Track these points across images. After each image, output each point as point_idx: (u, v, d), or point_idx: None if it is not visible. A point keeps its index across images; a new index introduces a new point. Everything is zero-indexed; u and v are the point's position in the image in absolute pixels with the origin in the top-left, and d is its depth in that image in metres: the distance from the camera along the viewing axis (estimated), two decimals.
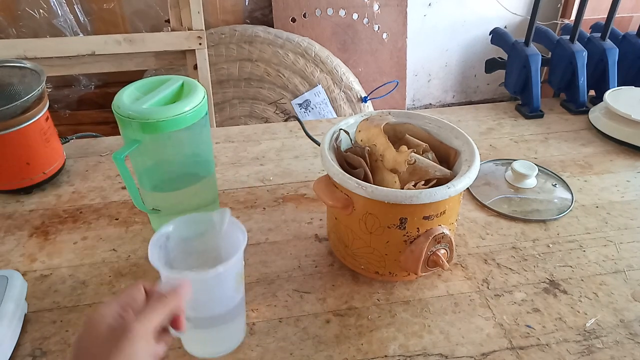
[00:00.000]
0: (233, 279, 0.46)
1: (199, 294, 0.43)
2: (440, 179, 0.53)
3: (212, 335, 0.49)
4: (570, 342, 0.51)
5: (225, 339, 0.50)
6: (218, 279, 0.44)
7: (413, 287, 0.58)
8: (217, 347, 0.50)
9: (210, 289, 0.45)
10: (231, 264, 0.43)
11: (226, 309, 0.47)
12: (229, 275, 0.45)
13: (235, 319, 0.49)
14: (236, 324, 0.50)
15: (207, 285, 0.45)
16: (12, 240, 0.65)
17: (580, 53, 0.93)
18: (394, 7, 1.78)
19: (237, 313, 0.49)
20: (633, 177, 0.78)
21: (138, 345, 0.35)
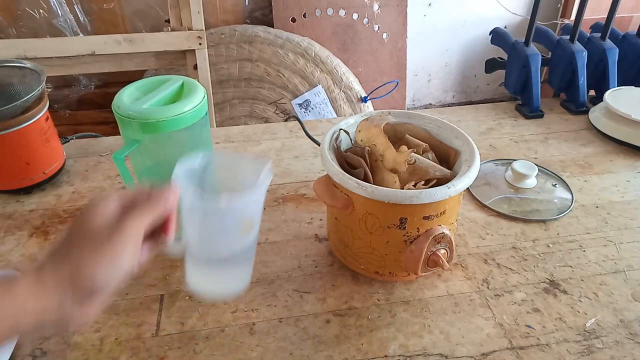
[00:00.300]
0: (245, 218, 0.44)
1: (207, 225, 0.42)
2: (440, 179, 0.53)
3: (211, 273, 0.47)
4: (570, 342, 0.51)
5: (226, 281, 0.48)
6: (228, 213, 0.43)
7: (413, 287, 0.58)
8: (216, 287, 0.48)
9: (219, 221, 0.44)
10: (246, 201, 0.42)
11: (230, 250, 0.45)
12: (239, 213, 0.43)
13: (238, 264, 0.47)
14: (239, 270, 0.48)
15: (216, 217, 0.43)
16: (12, 240, 0.65)
17: (580, 53, 0.93)
18: (394, 7, 1.79)
19: (242, 258, 0.47)
20: (633, 177, 0.78)
21: (128, 244, 0.36)
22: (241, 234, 0.45)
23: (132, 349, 0.51)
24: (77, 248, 0.35)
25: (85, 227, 0.36)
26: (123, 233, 0.36)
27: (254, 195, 0.43)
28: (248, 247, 0.46)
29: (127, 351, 0.50)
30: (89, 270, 0.35)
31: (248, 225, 0.45)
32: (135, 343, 0.51)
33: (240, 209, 0.43)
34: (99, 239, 0.35)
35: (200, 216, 0.42)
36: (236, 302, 0.56)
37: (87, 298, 0.35)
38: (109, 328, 0.53)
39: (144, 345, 0.51)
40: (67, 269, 0.34)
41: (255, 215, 0.45)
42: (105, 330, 0.53)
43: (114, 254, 0.35)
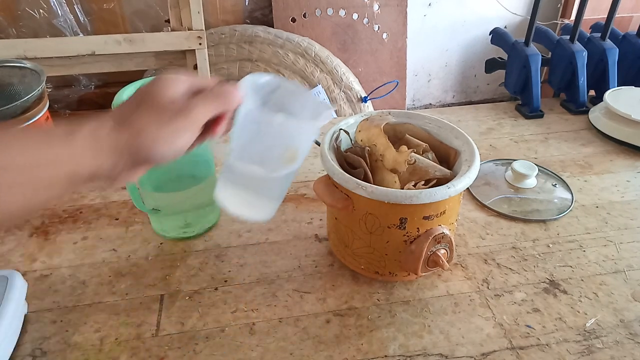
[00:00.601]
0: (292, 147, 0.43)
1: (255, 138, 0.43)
2: (440, 179, 0.53)
3: (241, 190, 0.46)
4: (570, 342, 0.51)
5: (253, 204, 0.47)
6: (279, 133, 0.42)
7: (413, 287, 0.58)
8: (242, 206, 0.47)
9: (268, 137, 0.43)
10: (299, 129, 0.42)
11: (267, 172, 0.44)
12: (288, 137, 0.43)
13: (269, 191, 0.46)
14: (268, 198, 0.47)
15: (267, 132, 0.43)
16: (12, 240, 0.65)
17: (580, 53, 0.93)
18: (394, 7, 1.79)
19: (274, 187, 0.46)
20: (633, 177, 0.78)
21: (191, 126, 0.37)
22: (283, 161, 0.44)
23: (132, 349, 0.51)
24: (141, 116, 0.36)
25: (153, 98, 0.36)
26: (190, 114, 0.36)
27: (308, 127, 0.43)
28: (283, 178, 0.46)
29: (127, 351, 0.50)
30: (148, 141, 0.35)
31: (292, 155, 0.44)
32: (135, 343, 0.51)
33: (291, 133, 0.43)
34: (165, 113, 0.36)
35: (252, 126, 0.42)
36: (236, 302, 0.56)
37: (138, 165, 0.36)
38: (109, 328, 0.53)
39: (144, 345, 0.51)
40: (127, 135, 0.35)
41: (301, 148, 0.44)
42: (105, 330, 0.53)
43: (176, 131, 0.36)
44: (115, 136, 0.35)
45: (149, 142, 0.35)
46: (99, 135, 0.34)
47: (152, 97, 0.36)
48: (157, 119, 0.36)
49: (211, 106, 0.38)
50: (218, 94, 0.38)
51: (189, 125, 0.37)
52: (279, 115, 0.41)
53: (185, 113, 0.36)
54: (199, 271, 0.60)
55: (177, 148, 0.37)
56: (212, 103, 0.38)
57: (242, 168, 0.45)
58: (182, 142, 0.37)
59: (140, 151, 0.35)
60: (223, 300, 0.56)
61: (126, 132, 0.35)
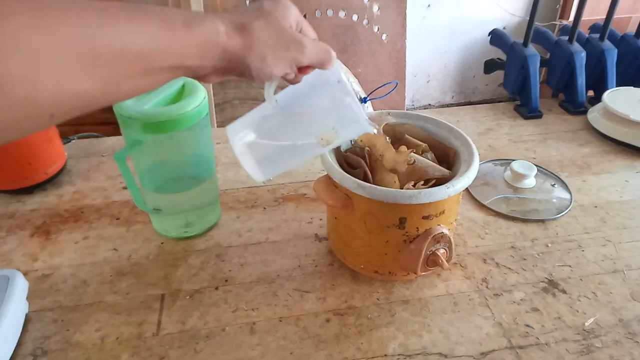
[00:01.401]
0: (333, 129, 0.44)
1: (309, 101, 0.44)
2: (439, 179, 0.54)
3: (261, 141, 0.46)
4: (569, 341, 0.52)
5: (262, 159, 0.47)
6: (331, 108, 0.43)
7: (412, 286, 0.58)
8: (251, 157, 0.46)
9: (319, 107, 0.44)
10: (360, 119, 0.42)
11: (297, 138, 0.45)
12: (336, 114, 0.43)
13: (283, 157, 0.46)
14: (279, 161, 0.47)
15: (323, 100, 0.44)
16: (13, 239, 0.65)
17: (579, 54, 0.93)
18: (393, 8, 1.79)
19: (290, 156, 0.46)
20: (631, 177, 0.78)
21: (295, 61, 0.38)
22: (319, 138, 0.44)
23: (133, 348, 0.51)
24: (261, 29, 0.36)
25: (277, 18, 0.37)
26: (303, 50, 0.38)
27: (363, 123, 0.43)
28: (302, 154, 0.46)
29: (128, 350, 0.51)
30: (257, 56, 0.36)
31: (329, 138, 0.44)
32: (136, 342, 0.51)
33: (346, 119, 0.43)
34: (283, 37, 0.37)
35: (319, 93, 0.43)
36: (237, 302, 0.56)
37: (229, 73, 0.37)
38: (110, 327, 0.53)
39: (145, 344, 0.51)
40: (241, 42, 0.35)
41: (341, 138, 0.45)
42: (106, 329, 0.53)
43: (284, 59, 0.37)
44: (229, 39, 0.35)
45: (257, 57, 0.36)
46: (216, 34, 0.34)
47: (276, 16, 0.37)
48: (275, 39, 0.36)
49: (317, 55, 0.39)
50: (326, 49, 0.40)
51: (297, 58, 0.38)
52: (349, 97, 0.42)
53: (300, 47, 0.38)
54: (200, 270, 0.60)
55: (273, 73, 0.38)
56: (318, 52, 0.39)
57: (275, 122, 0.45)
58: (280, 70, 0.38)
59: (243, 61, 0.36)
60: (224, 299, 0.56)
61: (242, 38, 0.35)
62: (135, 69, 0.31)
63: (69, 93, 0.28)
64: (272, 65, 0.37)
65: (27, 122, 0.27)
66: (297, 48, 0.38)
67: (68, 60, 0.27)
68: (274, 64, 0.37)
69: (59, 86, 0.27)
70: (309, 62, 0.39)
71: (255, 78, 0.37)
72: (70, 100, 0.28)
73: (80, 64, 0.28)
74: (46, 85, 0.26)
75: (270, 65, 0.37)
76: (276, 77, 0.39)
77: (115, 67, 0.30)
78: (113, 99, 0.32)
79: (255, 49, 0.36)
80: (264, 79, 0.38)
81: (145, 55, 0.31)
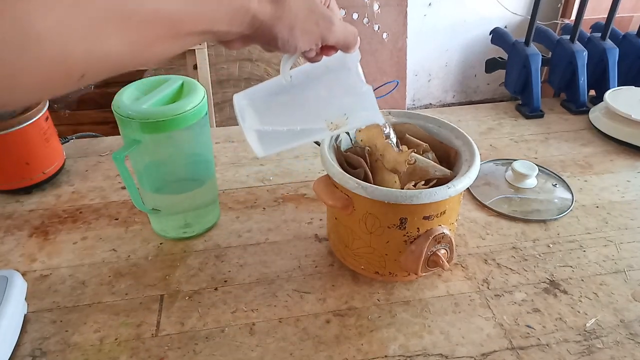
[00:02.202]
0: (344, 115, 0.44)
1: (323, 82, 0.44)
2: (440, 179, 0.53)
3: (267, 117, 0.46)
4: (570, 342, 0.51)
5: (267, 134, 0.46)
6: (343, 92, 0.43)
7: (413, 287, 0.58)
8: (251, 132, 0.46)
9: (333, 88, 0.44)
10: (374, 108, 0.42)
11: (304, 122, 0.45)
12: (348, 100, 0.43)
13: (287, 138, 0.46)
14: (282, 141, 0.47)
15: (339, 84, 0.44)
16: (11, 240, 0.65)
17: (581, 53, 0.93)
18: (394, 7, 1.79)
19: (293, 138, 0.46)
20: (633, 177, 0.78)
21: (322, 38, 0.38)
22: (328, 122, 0.44)
23: (131, 349, 0.51)
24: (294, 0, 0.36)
25: None
26: (332, 27, 0.38)
27: (375, 113, 0.43)
28: (307, 135, 0.46)
29: (126, 351, 0.50)
30: (286, 26, 0.36)
31: (339, 124, 0.44)
32: (135, 343, 0.51)
33: (360, 106, 0.43)
34: (315, 11, 0.37)
35: (337, 76, 0.43)
36: (236, 302, 0.56)
37: (253, 41, 0.37)
38: (109, 328, 0.53)
39: (144, 345, 0.51)
40: (272, 11, 0.35)
41: (351, 125, 0.45)
42: (104, 330, 0.53)
43: (312, 33, 0.38)
44: (260, 7, 0.35)
45: (285, 28, 0.36)
46: (248, 0, 0.34)
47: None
48: (306, 13, 0.37)
49: (344, 35, 0.40)
50: (353, 32, 0.41)
51: (325, 35, 0.38)
52: (367, 87, 0.42)
53: (329, 24, 0.38)
54: (199, 271, 0.60)
55: (298, 47, 0.38)
56: (346, 33, 0.40)
57: (285, 99, 0.45)
58: (306, 45, 0.38)
59: (271, 31, 0.36)
60: (223, 300, 0.56)
61: (273, 7, 0.35)
62: (165, 32, 0.31)
63: (99, 53, 0.28)
64: (299, 38, 0.37)
65: (58, 82, 0.27)
66: (326, 25, 0.38)
67: (100, 20, 0.27)
68: (301, 38, 0.37)
69: (90, 46, 0.27)
70: (335, 42, 0.40)
71: (280, 49, 0.38)
72: (101, 61, 0.29)
73: (112, 25, 0.28)
74: (77, 44, 0.26)
75: (297, 38, 0.37)
76: (300, 50, 0.39)
77: (146, 30, 0.30)
78: (141, 62, 0.32)
79: (285, 19, 0.36)
80: (288, 50, 0.38)
81: (176, 19, 0.31)
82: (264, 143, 0.46)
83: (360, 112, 0.44)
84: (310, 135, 0.46)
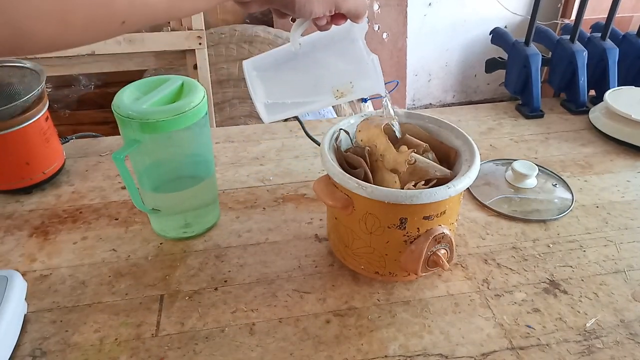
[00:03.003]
0: (349, 84, 0.46)
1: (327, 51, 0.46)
2: (440, 179, 0.53)
3: (275, 86, 0.48)
4: (570, 342, 0.51)
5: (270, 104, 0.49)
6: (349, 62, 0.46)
7: (413, 287, 0.58)
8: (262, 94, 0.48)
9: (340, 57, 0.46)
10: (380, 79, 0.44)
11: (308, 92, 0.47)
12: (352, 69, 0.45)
13: (291, 106, 0.49)
14: (288, 109, 0.49)
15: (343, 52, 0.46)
16: (11, 240, 0.65)
17: (581, 53, 0.93)
18: (394, 6, 1.79)
19: (296, 109, 0.48)
20: (633, 177, 0.78)
21: (337, 5, 0.41)
22: (333, 89, 0.46)
23: (131, 349, 0.51)
24: None
25: None
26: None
27: (380, 84, 0.45)
28: (315, 102, 0.48)
29: (126, 351, 0.50)
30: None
31: (344, 92, 0.46)
32: (134, 343, 0.51)
33: (365, 75, 0.44)
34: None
35: (345, 45, 0.45)
36: (236, 302, 0.56)
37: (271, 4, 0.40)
38: (109, 328, 0.53)
39: (144, 345, 0.51)
40: None
41: (356, 94, 0.46)
42: (104, 330, 0.53)
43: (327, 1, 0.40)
44: None
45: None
46: None
47: None
48: None
49: (355, 4, 0.42)
50: (364, 2, 0.43)
51: (339, 2, 0.41)
52: (374, 55, 0.44)
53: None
54: (199, 271, 0.60)
55: (313, 11, 0.40)
56: (357, 2, 0.42)
57: (292, 66, 0.46)
58: (320, 10, 0.40)
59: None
60: (223, 300, 0.56)
61: None
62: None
63: (140, 2, 0.32)
64: (315, 3, 0.39)
65: (102, 25, 0.31)
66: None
67: None
68: (316, 2, 0.39)
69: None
70: (347, 10, 0.42)
71: (295, 13, 0.40)
72: (141, 10, 0.32)
73: None
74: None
75: (313, 3, 0.39)
76: (314, 15, 0.41)
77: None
78: (173, 16, 0.36)
79: None
80: (302, 14, 0.40)
81: None
82: (271, 112, 0.48)
83: (365, 81, 0.46)
84: (315, 102, 0.48)
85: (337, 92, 0.46)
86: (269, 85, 0.48)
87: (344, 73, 0.47)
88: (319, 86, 0.47)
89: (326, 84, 0.47)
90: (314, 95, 0.48)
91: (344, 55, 0.47)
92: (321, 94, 0.47)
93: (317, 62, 0.47)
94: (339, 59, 0.47)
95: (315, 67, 0.47)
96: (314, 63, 0.47)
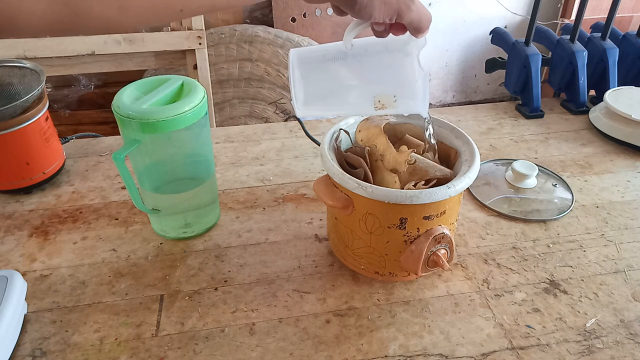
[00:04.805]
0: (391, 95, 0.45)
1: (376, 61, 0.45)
2: (440, 179, 0.53)
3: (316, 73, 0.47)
4: (570, 342, 0.51)
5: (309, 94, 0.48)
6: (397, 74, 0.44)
7: (413, 287, 0.58)
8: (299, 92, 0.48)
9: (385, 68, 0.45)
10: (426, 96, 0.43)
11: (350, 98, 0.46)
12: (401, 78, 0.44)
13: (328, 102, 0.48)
14: (325, 106, 0.49)
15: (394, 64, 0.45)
16: (11, 240, 0.65)
17: (581, 53, 0.93)
18: None
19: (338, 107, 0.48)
20: (633, 177, 0.78)
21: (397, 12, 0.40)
22: (375, 98, 0.45)
23: (131, 349, 0.51)
24: None
25: None
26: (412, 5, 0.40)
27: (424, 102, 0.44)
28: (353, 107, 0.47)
29: (126, 351, 0.50)
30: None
31: (386, 103, 0.45)
32: (135, 343, 0.51)
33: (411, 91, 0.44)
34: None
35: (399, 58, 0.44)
36: (236, 302, 0.56)
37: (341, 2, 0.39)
38: (109, 328, 0.53)
39: (144, 345, 0.51)
40: None
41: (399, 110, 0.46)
42: (104, 330, 0.53)
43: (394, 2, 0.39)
44: None
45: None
46: None
47: None
48: None
49: (419, 17, 0.41)
50: (428, 17, 0.42)
51: (402, 11, 0.40)
52: (426, 75, 0.43)
53: (409, 1, 0.40)
54: (199, 271, 0.60)
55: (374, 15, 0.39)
56: (421, 15, 0.41)
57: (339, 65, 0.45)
58: (381, 16, 0.39)
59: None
60: (223, 300, 0.56)
61: None
62: None
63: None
64: (377, 7, 0.38)
65: (161, 10, 0.32)
66: (405, 1, 0.39)
67: None
68: (379, 7, 0.38)
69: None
70: (409, 21, 0.41)
71: (355, 13, 0.39)
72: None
73: None
74: None
75: (375, 6, 0.38)
76: (374, 20, 0.40)
77: None
78: (228, 4, 0.36)
79: None
80: (362, 16, 0.39)
81: None
82: (307, 106, 0.47)
83: (410, 100, 0.44)
84: (353, 107, 0.48)
85: (379, 102, 0.45)
86: (310, 78, 0.46)
87: (390, 85, 0.45)
88: (361, 92, 0.46)
89: (369, 92, 0.45)
90: (354, 99, 0.46)
91: (394, 67, 0.45)
92: (361, 100, 0.46)
93: (365, 67, 0.45)
94: (389, 69, 0.45)
95: (362, 71, 0.46)
96: (361, 67, 0.45)
